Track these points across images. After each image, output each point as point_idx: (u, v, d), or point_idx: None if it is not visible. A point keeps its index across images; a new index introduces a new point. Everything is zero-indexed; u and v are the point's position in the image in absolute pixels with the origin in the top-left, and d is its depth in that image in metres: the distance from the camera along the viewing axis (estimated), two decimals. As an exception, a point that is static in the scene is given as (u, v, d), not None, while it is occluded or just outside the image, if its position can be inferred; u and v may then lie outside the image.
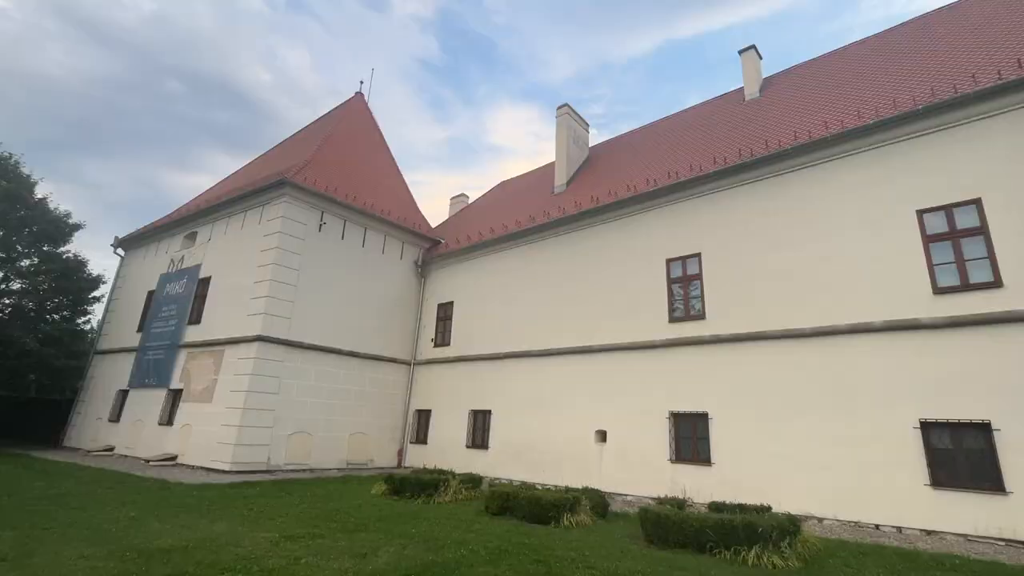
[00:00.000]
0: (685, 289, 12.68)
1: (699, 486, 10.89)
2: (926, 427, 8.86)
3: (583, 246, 15.09)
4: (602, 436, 13.02)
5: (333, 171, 17.89)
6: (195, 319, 16.64)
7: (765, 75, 17.10)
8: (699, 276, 12.44)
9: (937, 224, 9.49)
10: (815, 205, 11.04)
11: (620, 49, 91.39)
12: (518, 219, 17.31)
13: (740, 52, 16.88)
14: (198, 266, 17.44)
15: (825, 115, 11.92)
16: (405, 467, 17.03)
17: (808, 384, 10.21)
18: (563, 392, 14.12)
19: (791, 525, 6.89)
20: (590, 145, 21.26)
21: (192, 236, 18.69)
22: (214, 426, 14.06)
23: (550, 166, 21.34)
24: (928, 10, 15.38)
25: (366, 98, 24.30)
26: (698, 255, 12.56)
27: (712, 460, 11.04)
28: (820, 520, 9.41)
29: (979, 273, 8.94)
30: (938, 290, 9.25)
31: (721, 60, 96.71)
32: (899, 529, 8.67)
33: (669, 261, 13.08)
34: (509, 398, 15.36)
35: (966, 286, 8.99)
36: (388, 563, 5.86)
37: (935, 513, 8.47)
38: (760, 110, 14.84)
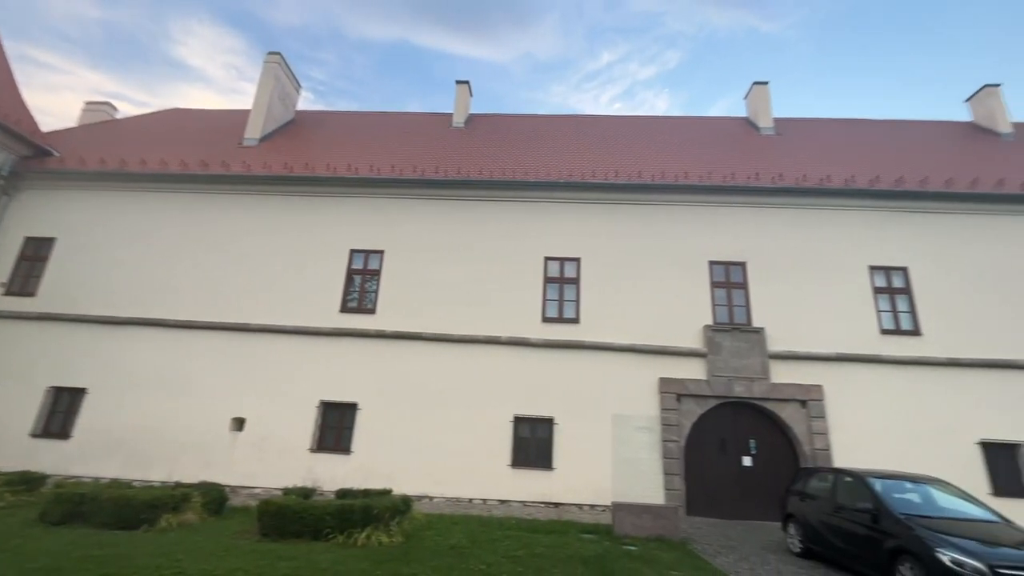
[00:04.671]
0: (363, 282, 12.91)
1: (335, 474, 11.07)
2: (517, 420, 11.52)
3: (263, 213, 13.53)
4: (239, 424, 11.75)
5: None
6: None
7: (472, 111, 19.41)
8: (379, 272, 12.89)
9: (554, 270, 12.66)
10: (485, 233, 13.05)
11: (358, 25, 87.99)
12: (186, 159, 14.19)
13: (457, 82, 18.69)
14: None
15: (504, 164, 14.33)
16: None
17: (447, 382, 11.83)
18: (198, 372, 12.12)
19: (403, 505, 7.76)
20: (298, 108, 19.47)
21: None
22: None
23: (245, 113, 18.44)
24: (597, 115, 20.51)
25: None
26: (381, 252, 13.02)
27: (352, 449, 11.42)
28: (432, 498, 10.92)
29: (569, 311, 12.33)
30: (545, 319, 12.27)
31: (443, 82, 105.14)
32: (484, 501, 10.90)
33: (353, 251, 13.09)
34: (117, 374, 12.17)
35: (560, 319, 12.25)
36: None
37: (509, 487, 11.03)
38: (462, 139, 16.71)
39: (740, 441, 11.54)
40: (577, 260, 12.70)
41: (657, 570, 6.42)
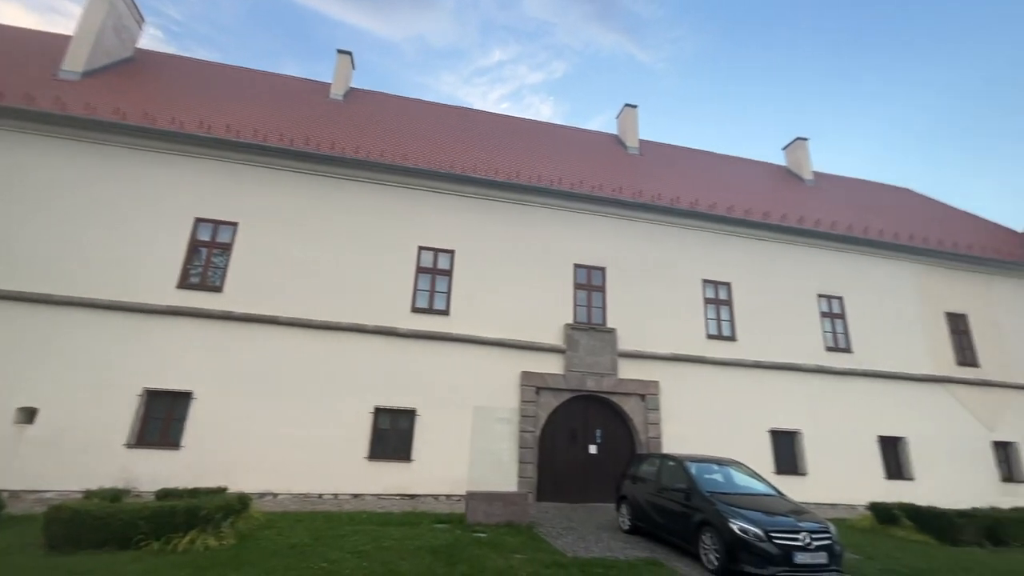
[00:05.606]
0: (210, 255, 11.45)
1: (159, 473, 9.68)
2: (378, 411, 11.18)
3: (81, 162, 11.27)
4: (28, 415, 9.67)
5: None
6: None
7: (354, 84, 18.29)
8: (230, 246, 11.54)
9: (427, 260, 12.50)
10: (357, 215, 12.36)
11: (227, -35, 77.43)
12: (-31, 83, 11.23)
13: (339, 52, 17.46)
14: None
15: (383, 144, 13.72)
16: None
17: (304, 371, 11.03)
18: (-26, 351, 9.74)
19: (240, 504, 7.07)
20: (140, 46, 16.55)
21: None
22: None
23: (65, 40, 15.16)
24: (484, 110, 20.45)
25: None
26: (235, 224, 11.67)
27: (182, 444, 10.10)
28: (276, 496, 10.12)
29: (440, 302, 12.28)
30: (415, 309, 12.07)
31: (323, 49, 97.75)
32: (336, 496, 10.41)
33: (200, 220, 11.55)
34: None
35: (431, 310, 12.15)
36: None
37: (365, 480, 10.68)
38: (339, 112, 15.66)
39: (588, 431, 12.57)
40: (451, 252, 12.70)
41: (502, 554, 6.71)
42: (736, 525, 6.52)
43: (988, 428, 14.66)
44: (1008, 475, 14.42)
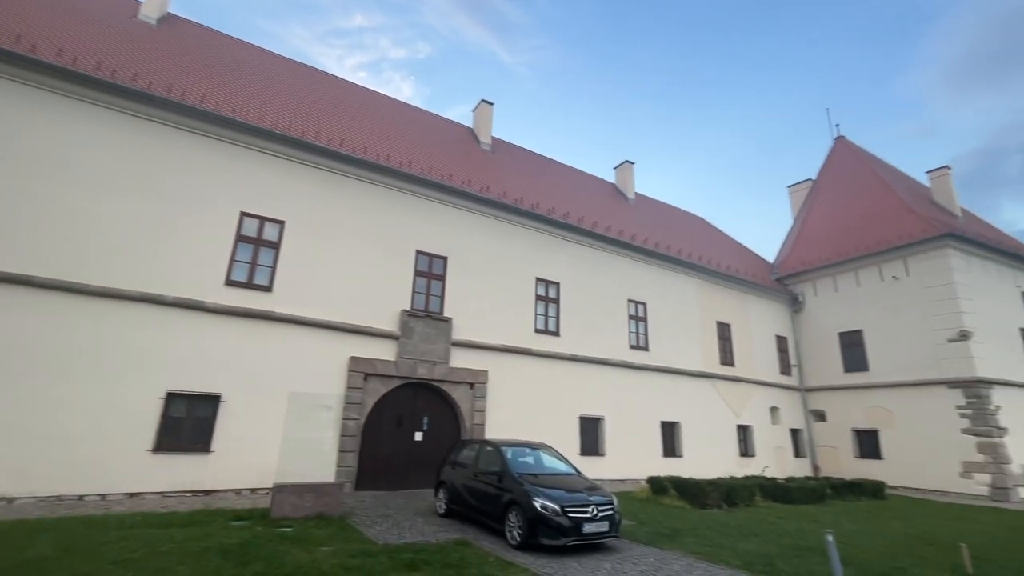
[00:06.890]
0: (-74, 189, 8.58)
1: None
2: (171, 397, 9.65)
3: None
4: None
5: None
6: None
7: (173, 10, 15.38)
8: (-38, 180, 8.79)
9: (250, 228, 11.13)
10: (166, 166, 10.41)
11: None
12: None
13: (156, -34, 14.49)
14: None
15: (205, 89, 11.83)
16: None
17: (72, 346, 8.96)
18: None
19: (-54, 514, 5.46)
20: None
21: None
22: None
23: None
24: (337, 76, 18.67)
25: None
26: (-27, 153, 8.94)
27: None
28: (12, 501, 8.09)
29: (262, 276, 11.05)
30: (230, 282, 10.67)
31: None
32: (103, 497, 8.72)
33: (-88, 139, 8.58)
34: None
35: (250, 285, 10.87)
36: None
37: (146, 476, 9.14)
38: (150, 39, 12.99)
39: (416, 418, 12.59)
40: (281, 223, 11.52)
41: (307, 548, 6.35)
42: (538, 503, 7.16)
43: (735, 415, 18.54)
44: (745, 451, 18.44)
